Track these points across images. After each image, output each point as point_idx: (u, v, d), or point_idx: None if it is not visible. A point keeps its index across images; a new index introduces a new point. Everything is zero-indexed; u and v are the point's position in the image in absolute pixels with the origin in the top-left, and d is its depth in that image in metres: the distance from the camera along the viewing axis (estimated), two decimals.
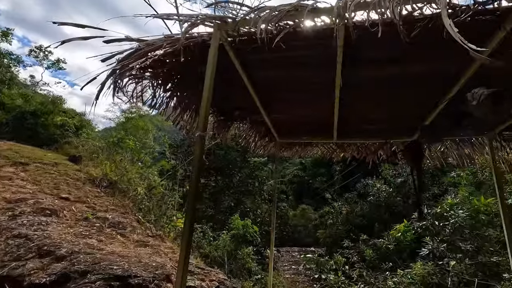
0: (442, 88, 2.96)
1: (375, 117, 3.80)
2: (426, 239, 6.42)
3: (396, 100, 3.30)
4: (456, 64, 2.54)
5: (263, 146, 5.29)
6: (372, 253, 8.99)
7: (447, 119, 1.93)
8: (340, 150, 4.99)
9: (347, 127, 4.25)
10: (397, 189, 11.92)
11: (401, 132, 4.25)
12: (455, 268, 5.36)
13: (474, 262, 5.63)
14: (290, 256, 22.45)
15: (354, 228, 12.62)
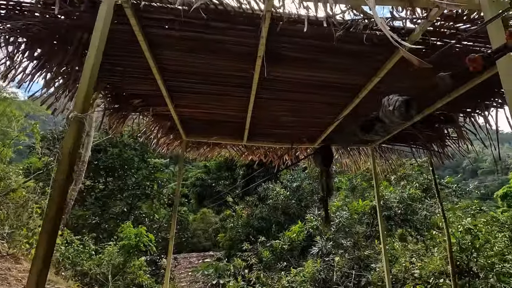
0: (349, 98, 3.17)
1: (285, 120, 3.84)
2: (317, 238, 7.10)
3: (307, 105, 3.38)
4: (362, 76, 2.74)
5: (167, 144, 4.70)
6: (269, 254, 9.38)
7: (356, 126, 2.01)
8: (249, 153, 4.91)
9: (258, 129, 4.18)
10: (293, 193, 12.98)
11: (309, 137, 4.46)
12: (338, 264, 6.08)
13: (352, 256, 6.53)
14: (187, 262, 21.52)
15: (254, 230, 13.03)
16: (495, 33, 1.66)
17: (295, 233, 8.09)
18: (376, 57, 2.44)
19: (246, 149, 4.89)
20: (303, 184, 13.26)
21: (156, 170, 13.25)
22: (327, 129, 4.02)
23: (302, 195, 13.06)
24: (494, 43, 1.68)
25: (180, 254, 23.45)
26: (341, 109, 3.48)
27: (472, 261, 4.87)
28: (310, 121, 3.85)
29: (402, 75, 2.70)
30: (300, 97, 3.20)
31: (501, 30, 1.67)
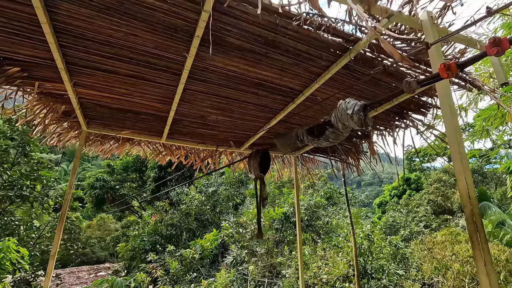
0: (286, 102, 3.03)
1: (213, 119, 3.46)
2: (232, 247, 6.85)
3: (240, 105, 3.10)
4: (303, 80, 2.62)
5: (59, 135, 3.68)
6: (177, 264, 8.62)
7: (302, 131, 1.82)
8: (168, 153, 4.30)
9: (181, 126, 3.67)
10: (208, 198, 12.50)
11: (236, 141, 4.18)
12: (253, 273, 5.95)
13: (265, 264, 6.53)
14: (75, 278, 18.26)
15: (162, 239, 11.92)
16: (436, 57, 1.72)
17: (209, 241, 7.66)
18: (321, 62, 2.35)
19: (165, 148, 4.27)
20: (219, 189, 12.95)
21: (41, 167, 10.71)
22: (257, 134, 3.84)
23: (218, 201, 12.72)
24: (433, 67, 1.73)
25: (65, 269, 19.74)
26: (274, 114, 3.33)
27: (368, 264, 5.46)
28: (240, 123, 3.58)
29: (339, 86, 2.72)
30: (234, 95, 2.89)
31: (441, 55, 1.75)
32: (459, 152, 1.53)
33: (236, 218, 7.91)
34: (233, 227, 7.37)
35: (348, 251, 5.75)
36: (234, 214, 12.17)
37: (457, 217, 23.57)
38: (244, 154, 4.70)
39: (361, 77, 2.56)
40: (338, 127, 1.52)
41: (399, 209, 25.55)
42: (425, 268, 7.76)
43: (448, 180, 27.61)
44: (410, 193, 29.54)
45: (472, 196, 1.49)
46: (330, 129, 1.57)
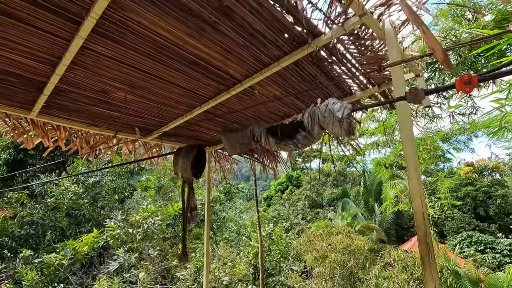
0: (219, 91, 2.55)
1: (118, 98, 2.64)
2: (119, 251, 5.75)
3: (161, 84, 2.44)
4: (246, 67, 2.23)
5: None
6: (35, 274, 6.71)
7: (261, 129, 1.44)
8: (38, 134, 3.08)
9: (66, 100, 2.65)
10: (87, 190, 10.38)
11: (143, 128, 3.38)
12: (144, 281, 5.13)
13: (158, 268, 5.79)
14: None
15: (12, 241, 9.15)
16: (398, 75, 1.66)
17: (86, 244, 6.24)
18: (273, 50, 2.02)
19: (34, 126, 3.04)
20: (103, 180, 10.98)
21: None
22: (172, 123, 3.20)
23: (100, 194, 10.76)
24: (395, 89, 1.67)
25: None
26: (201, 103, 2.81)
27: (267, 262, 5.59)
28: (155, 108, 2.88)
29: (282, 83, 2.47)
30: (157, 70, 2.22)
31: (402, 73, 1.70)
32: (416, 172, 1.50)
33: (125, 215, 6.76)
34: (121, 227, 6.25)
35: (249, 250, 5.75)
36: (121, 209, 10.58)
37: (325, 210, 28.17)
38: (150, 144, 3.92)
39: (306, 78, 2.38)
40: (312, 131, 1.24)
41: (283, 203, 28.56)
42: (307, 258, 8.72)
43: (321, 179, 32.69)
44: (292, 189, 33.50)
45: (426, 217, 1.47)
46: (302, 133, 1.26)
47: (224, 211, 12.33)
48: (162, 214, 6.42)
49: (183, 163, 1.64)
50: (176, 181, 14.92)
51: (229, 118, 3.18)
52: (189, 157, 1.64)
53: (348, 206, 23.43)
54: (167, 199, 11.88)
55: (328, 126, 1.15)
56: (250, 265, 5.38)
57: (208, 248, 3.94)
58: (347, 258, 7.60)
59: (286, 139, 1.31)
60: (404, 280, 5.46)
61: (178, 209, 6.84)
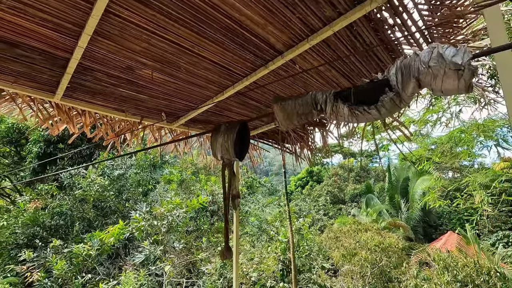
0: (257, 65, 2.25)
1: (144, 76, 2.41)
2: (145, 243, 5.69)
3: (194, 58, 2.18)
4: (293, 33, 1.91)
5: None
6: (65, 264, 6.83)
7: (327, 94, 1.12)
8: (63, 119, 2.94)
9: (90, 80, 2.46)
10: (112, 183, 10.53)
11: (170, 113, 3.16)
12: (170, 274, 5.01)
13: (183, 261, 5.67)
14: None
15: (44, 230, 9.44)
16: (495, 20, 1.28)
17: (112, 235, 6.23)
18: (324, 11, 1.69)
19: (59, 111, 2.89)
20: (128, 172, 11.11)
21: None
22: (203, 107, 2.95)
23: (125, 186, 10.90)
24: (492, 35, 1.29)
25: None
26: (233, 82, 2.53)
27: (296, 257, 5.30)
28: (183, 88, 2.63)
29: (328, 55, 2.13)
30: (188, 40, 1.95)
31: (500, 17, 1.32)
32: None
33: (150, 208, 6.70)
34: (145, 219, 6.18)
35: (277, 245, 5.49)
36: (145, 201, 10.66)
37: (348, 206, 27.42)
38: (176, 131, 3.71)
39: (358, 47, 2.03)
40: (403, 90, 0.92)
41: (304, 198, 28.08)
42: (334, 255, 8.34)
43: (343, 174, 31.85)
44: (312, 184, 32.92)
45: None
46: (390, 94, 0.94)
47: (246, 205, 12.13)
48: (186, 206, 6.29)
49: (223, 142, 1.37)
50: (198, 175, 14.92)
51: (263, 100, 2.88)
52: (230, 134, 1.36)
53: (373, 202, 22.61)
54: (189, 193, 11.86)
55: (435, 80, 0.83)
56: (279, 261, 5.12)
57: (238, 242, 3.70)
58: (379, 256, 7.15)
59: (364, 104, 1.00)
60: (446, 283, 4.99)
61: (202, 202, 6.69)
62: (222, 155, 1.45)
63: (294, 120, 1.19)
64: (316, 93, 1.17)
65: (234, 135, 1.40)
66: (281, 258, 5.10)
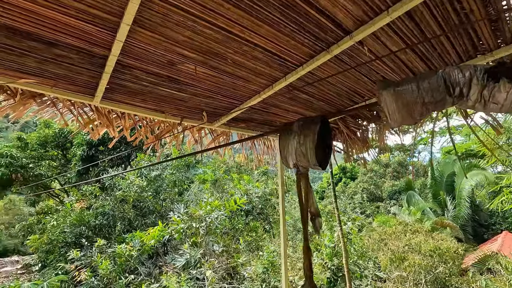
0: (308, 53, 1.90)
1: (186, 71, 2.16)
2: (184, 247, 5.61)
3: (238, 49, 1.88)
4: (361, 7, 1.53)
5: None
6: (109, 264, 7.00)
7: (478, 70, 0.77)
8: (103, 123, 2.81)
9: (129, 79, 2.27)
10: (149, 183, 10.76)
11: (212, 112, 2.92)
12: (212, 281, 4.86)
13: (224, 265, 5.51)
14: None
15: (89, 230, 9.88)
16: None
17: (153, 237, 6.25)
18: None
19: (99, 115, 2.77)
20: (164, 173, 11.28)
21: None
22: (247, 103, 2.66)
23: (161, 187, 11.08)
24: None
25: None
26: (285, 73, 2.19)
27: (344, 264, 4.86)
28: (228, 83, 2.35)
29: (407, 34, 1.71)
30: (237, 22, 1.65)
31: None
32: None
33: (187, 209, 6.62)
34: (184, 220, 6.11)
35: (323, 250, 5.09)
36: (181, 201, 10.77)
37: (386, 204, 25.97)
38: (216, 132, 3.47)
39: (449, 19, 1.59)
40: None
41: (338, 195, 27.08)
42: (381, 259, 7.72)
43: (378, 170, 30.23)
44: (346, 181, 31.69)
45: None
46: None
47: None
48: (224, 208, 6.11)
49: (298, 145, 1.06)
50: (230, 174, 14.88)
51: (316, 93, 2.52)
52: (309, 135, 1.04)
53: (414, 200, 21.14)
54: (222, 191, 11.79)
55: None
56: (325, 268, 4.73)
57: (286, 249, 3.38)
58: (434, 261, 6.46)
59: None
60: None
61: (240, 203, 6.48)
62: (296, 162, 1.12)
63: (416, 112, 0.83)
64: (450, 70, 0.80)
65: (314, 137, 1.07)
66: (329, 264, 4.70)
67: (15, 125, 47.31)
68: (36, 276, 11.67)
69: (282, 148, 1.20)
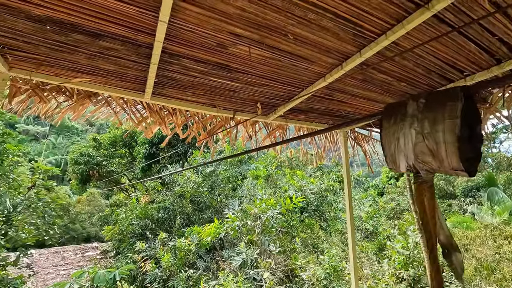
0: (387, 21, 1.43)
1: (238, 54, 1.86)
2: (241, 246, 5.49)
3: (301, 19, 1.49)
4: None
5: None
6: (170, 257, 7.28)
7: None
8: (155, 120, 2.70)
9: (177, 70, 2.05)
10: (205, 179, 11.04)
11: (267, 104, 2.60)
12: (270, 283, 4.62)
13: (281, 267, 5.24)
14: (59, 258, 17.13)
15: (152, 223, 10.55)
16: None
17: (209, 234, 6.28)
18: None
19: (151, 112, 2.66)
20: (218, 169, 11.47)
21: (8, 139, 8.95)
22: (309, 90, 2.26)
23: (216, 182, 11.28)
24: None
25: (50, 248, 18.52)
26: (360, 48, 1.74)
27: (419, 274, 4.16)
28: (287, 65, 1.98)
29: None
30: None
31: None
32: None
33: (242, 206, 6.49)
34: (239, 218, 5.98)
35: (395, 257, 4.43)
36: (235, 197, 10.83)
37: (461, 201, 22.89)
38: (271, 126, 3.14)
39: None
40: None
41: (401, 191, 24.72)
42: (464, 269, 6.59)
43: None
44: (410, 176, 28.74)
45: None
46: None
47: (340, 202, 11.05)
48: (280, 206, 5.82)
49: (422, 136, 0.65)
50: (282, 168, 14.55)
51: (400, 72, 2.00)
52: (445, 119, 0.64)
53: (497, 198, 18.15)
54: (274, 187, 11.54)
55: None
56: (399, 279, 4.08)
57: (355, 256, 2.91)
58: None
59: None
60: None
61: (296, 202, 6.11)
62: (415, 163, 0.71)
63: None
64: None
65: (455, 123, 0.63)
66: (402, 275, 4.03)
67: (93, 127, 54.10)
68: (111, 261, 13.01)
69: (386, 142, 0.80)
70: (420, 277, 3.90)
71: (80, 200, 25.99)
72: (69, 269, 15.12)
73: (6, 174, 8.30)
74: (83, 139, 42.11)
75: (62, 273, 14.64)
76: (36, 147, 40.71)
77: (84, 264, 15.70)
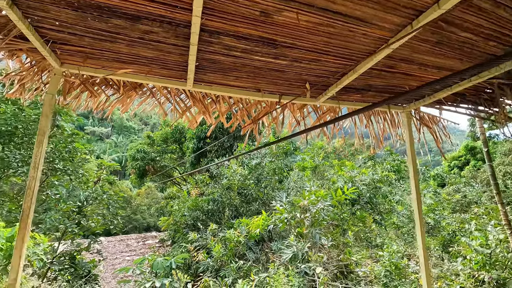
0: None
1: (284, 22, 1.63)
2: (291, 239, 5.33)
3: None
4: None
5: (21, 80, 2.17)
6: (221, 248, 7.44)
7: None
8: (199, 109, 2.62)
9: (218, 51, 1.90)
10: (251, 172, 11.07)
11: (314, 85, 2.33)
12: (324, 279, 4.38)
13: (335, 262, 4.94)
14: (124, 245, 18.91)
15: (203, 214, 10.94)
16: None
17: (258, 227, 6.23)
18: None
19: (194, 101, 2.58)
20: (263, 161, 11.40)
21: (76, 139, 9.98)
22: (365, 65, 1.94)
23: (262, 175, 11.23)
24: None
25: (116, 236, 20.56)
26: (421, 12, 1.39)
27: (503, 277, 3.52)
28: (339, 36, 1.70)
29: None
30: None
31: None
32: None
33: (290, 198, 6.29)
34: (287, 210, 5.80)
35: (471, 256, 3.81)
36: (282, 188, 10.68)
37: None
38: (321, 109, 2.85)
39: None
40: None
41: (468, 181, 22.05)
42: None
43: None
44: (475, 164, 25.62)
45: None
46: None
47: (397, 193, 10.18)
48: (330, 198, 5.49)
49: None
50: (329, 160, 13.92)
51: (489, 25, 1.58)
52: None
53: None
54: (321, 178, 11.09)
55: None
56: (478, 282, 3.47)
57: (426, 254, 2.51)
58: None
59: None
60: None
61: (349, 193, 5.71)
62: None
63: None
64: None
65: None
66: (484, 277, 3.41)
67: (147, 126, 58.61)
68: (169, 250, 13.93)
69: None
70: (506, 280, 3.26)
71: (139, 193, 28.48)
72: (133, 255, 16.63)
73: (76, 169, 9.29)
74: (139, 137, 45.89)
75: (127, 259, 16.15)
76: (101, 146, 45.54)
77: (145, 251, 17.13)
